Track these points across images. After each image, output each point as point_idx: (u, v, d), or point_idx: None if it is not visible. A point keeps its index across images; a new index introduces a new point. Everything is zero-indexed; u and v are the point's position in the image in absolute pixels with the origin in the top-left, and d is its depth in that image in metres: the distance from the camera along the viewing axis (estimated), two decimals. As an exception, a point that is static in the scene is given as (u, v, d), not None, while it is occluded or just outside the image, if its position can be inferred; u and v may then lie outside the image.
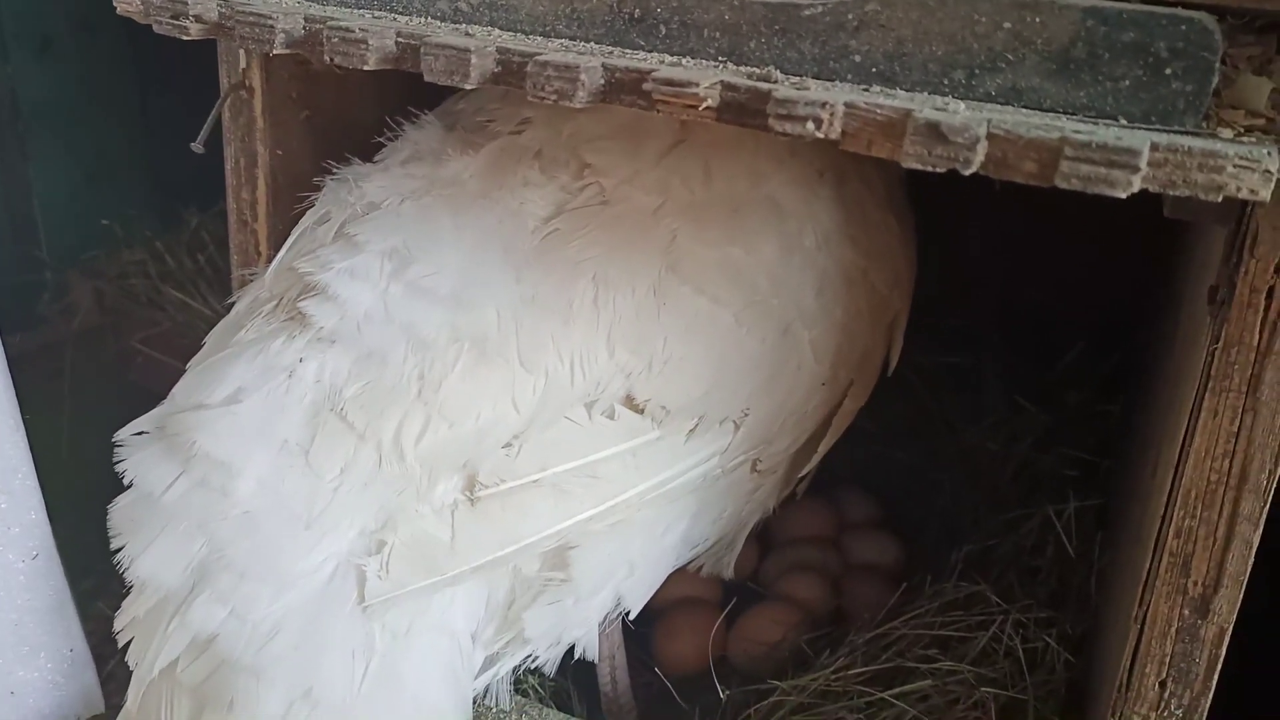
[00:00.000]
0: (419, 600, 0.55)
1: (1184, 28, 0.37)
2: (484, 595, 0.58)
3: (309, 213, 0.61)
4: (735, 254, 0.62)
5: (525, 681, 0.78)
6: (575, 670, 0.80)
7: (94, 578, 1.12)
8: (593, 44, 0.47)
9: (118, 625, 0.54)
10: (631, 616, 0.68)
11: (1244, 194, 0.35)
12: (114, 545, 0.52)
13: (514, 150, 0.61)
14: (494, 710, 0.69)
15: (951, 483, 1.03)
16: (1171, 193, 0.36)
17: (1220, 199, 0.36)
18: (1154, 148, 0.36)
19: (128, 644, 0.54)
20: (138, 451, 0.54)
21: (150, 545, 0.51)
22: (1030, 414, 1.01)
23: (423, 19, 0.51)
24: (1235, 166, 0.35)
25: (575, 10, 0.47)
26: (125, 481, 0.53)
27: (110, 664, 1.09)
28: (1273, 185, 0.36)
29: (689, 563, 0.74)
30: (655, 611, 0.88)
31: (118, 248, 1.20)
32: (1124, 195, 0.36)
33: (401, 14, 0.52)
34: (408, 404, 0.54)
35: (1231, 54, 0.41)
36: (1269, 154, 0.36)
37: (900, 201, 0.75)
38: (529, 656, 0.63)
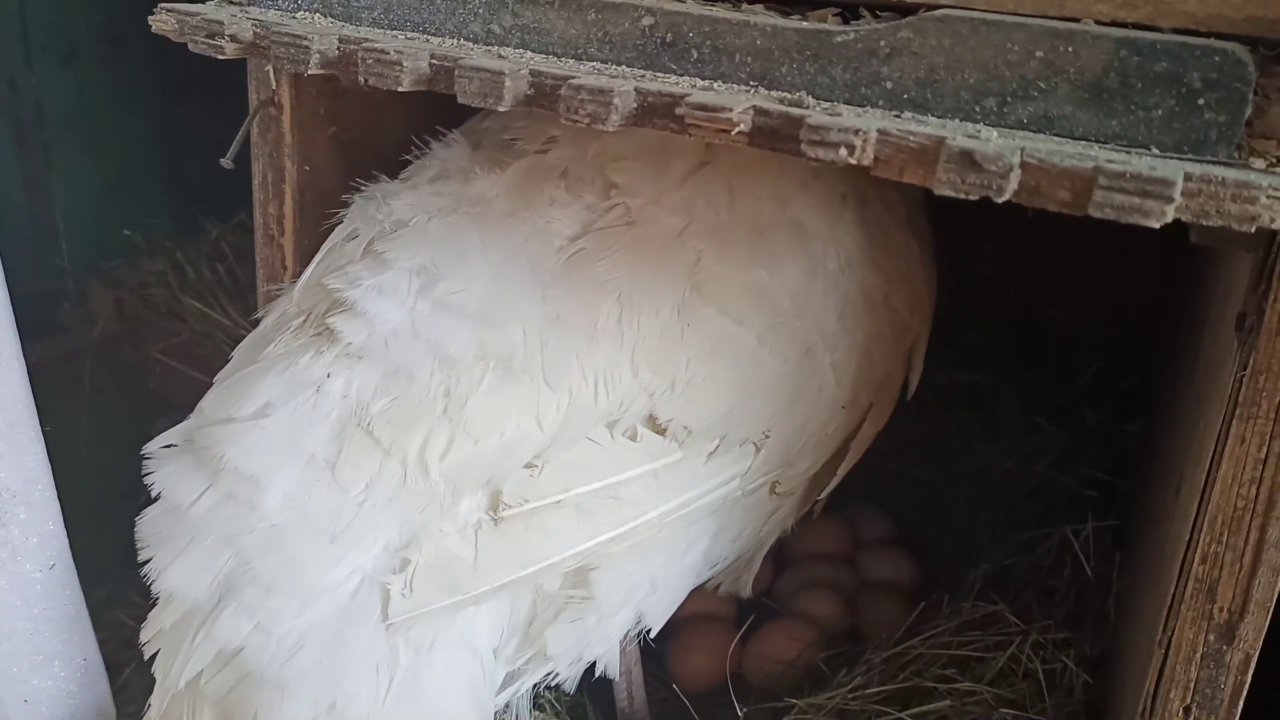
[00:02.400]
0: (442, 617, 0.56)
1: (1217, 59, 0.37)
2: (506, 613, 0.59)
3: (337, 229, 0.62)
4: (759, 276, 0.63)
5: (543, 696, 0.78)
6: (592, 686, 0.80)
7: (109, 586, 1.13)
8: (625, 67, 0.47)
9: (144, 637, 0.54)
10: (653, 634, 0.68)
11: (1278, 225, 0.35)
12: (141, 557, 0.53)
13: (540, 169, 0.62)
14: (513, 725, 0.69)
15: (968, 502, 1.03)
16: (1205, 223, 0.36)
17: (1254, 229, 0.36)
18: (1188, 178, 0.36)
19: (152, 656, 0.54)
20: (166, 464, 0.54)
21: (178, 558, 0.52)
22: (1048, 433, 1.01)
23: (455, 40, 0.52)
24: (1269, 198, 0.35)
25: (608, 34, 0.47)
26: (154, 494, 0.54)
27: (125, 673, 1.09)
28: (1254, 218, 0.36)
29: (707, 581, 0.75)
30: (671, 628, 0.87)
31: (138, 257, 1.21)
32: (1158, 225, 0.36)
33: (434, 35, 0.52)
34: (433, 420, 0.54)
35: (1264, 84, 0.41)
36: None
37: (921, 224, 0.76)
38: (550, 674, 0.63)
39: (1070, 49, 0.39)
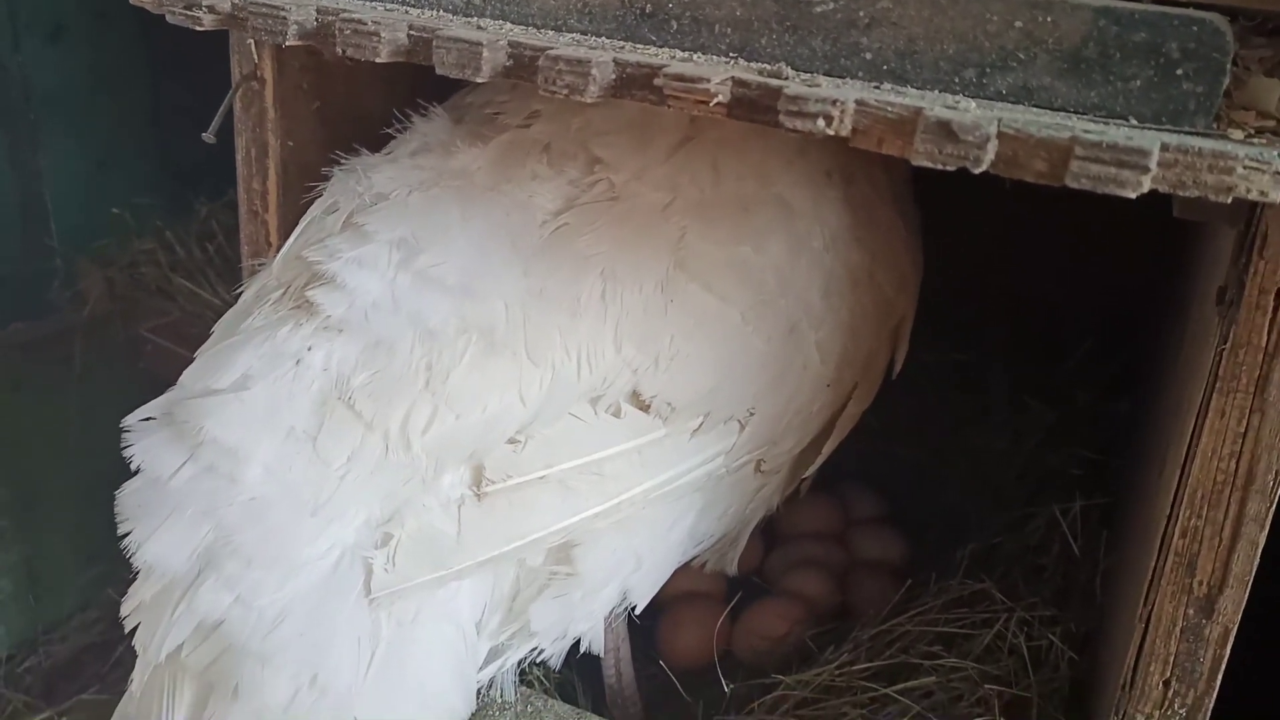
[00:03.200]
0: (425, 591, 0.56)
1: (1196, 29, 0.37)
2: (489, 587, 0.59)
3: (317, 202, 0.62)
4: (744, 253, 0.62)
5: (530, 673, 0.78)
6: (580, 663, 0.80)
7: (103, 564, 1.13)
8: (604, 39, 0.47)
9: (124, 610, 0.54)
10: (638, 610, 0.68)
11: (1254, 195, 0.35)
12: (121, 530, 0.53)
13: (523, 143, 0.62)
14: (499, 701, 0.69)
15: (957, 480, 1.03)
16: (1181, 193, 0.36)
17: (1230, 200, 0.36)
18: (1164, 148, 0.36)
19: (134, 628, 0.54)
20: (146, 437, 0.54)
21: (157, 530, 0.52)
22: (1037, 412, 1.01)
23: (434, 11, 0.51)
24: (1245, 168, 0.35)
25: (587, 5, 0.47)
26: (133, 467, 0.54)
27: (119, 649, 1.09)
28: (1253, 185, 0.36)
29: (694, 558, 0.75)
30: (660, 606, 0.88)
31: (128, 236, 1.20)
32: (1134, 195, 0.36)
33: (414, 6, 0.52)
34: (415, 394, 0.54)
35: (1243, 55, 0.41)
36: (1279, 156, 0.36)
37: (907, 203, 0.75)
38: (535, 649, 0.63)
39: (1049, 19, 0.39)
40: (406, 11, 0.51)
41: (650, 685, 0.83)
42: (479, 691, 0.65)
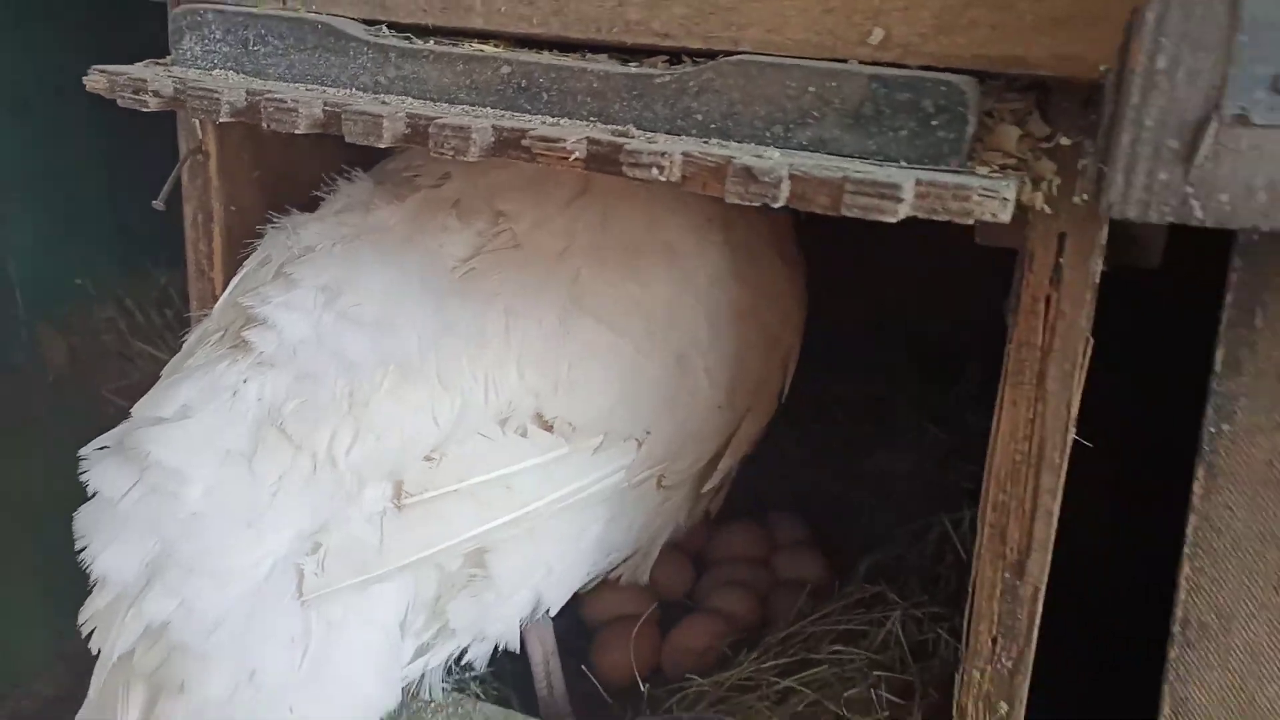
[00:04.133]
0: (351, 594, 0.63)
1: (945, 88, 0.47)
2: (412, 590, 0.66)
3: (251, 256, 0.70)
4: (633, 290, 0.71)
5: (469, 687, 0.84)
6: (515, 677, 0.87)
7: (68, 617, 1.18)
8: (488, 109, 0.56)
9: (81, 618, 0.61)
10: (551, 614, 0.75)
11: (988, 217, 0.44)
12: (78, 545, 0.59)
13: (435, 201, 0.71)
14: (431, 704, 0.75)
15: (870, 503, 1.11)
16: (935, 218, 0.45)
17: (971, 221, 0.45)
18: (918, 183, 0.45)
19: (90, 635, 0.61)
20: (99, 463, 0.61)
21: (109, 545, 0.59)
22: (933, 435, 1.10)
23: (349, 90, 0.60)
24: (980, 195, 0.45)
25: (474, 81, 0.56)
26: (89, 491, 0.61)
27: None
28: (1010, 209, 0.45)
29: (609, 571, 0.82)
30: (593, 627, 0.95)
31: (89, 303, 1.27)
32: (894, 220, 0.45)
33: (331, 86, 0.61)
34: (339, 418, 0.62)
35: (998, 108, 0.50)
36: (1007, 185, 0.45)
37: (788, 247, 0.84)
38: (458, 649, 0.70)
39: (834, 84, 0.49)
40: (324, 90, 0.60)
41: (585, 701, 0.90)
42: (411, 691, 0.72)
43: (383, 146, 0.55)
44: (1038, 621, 0.58)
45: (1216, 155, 0.41)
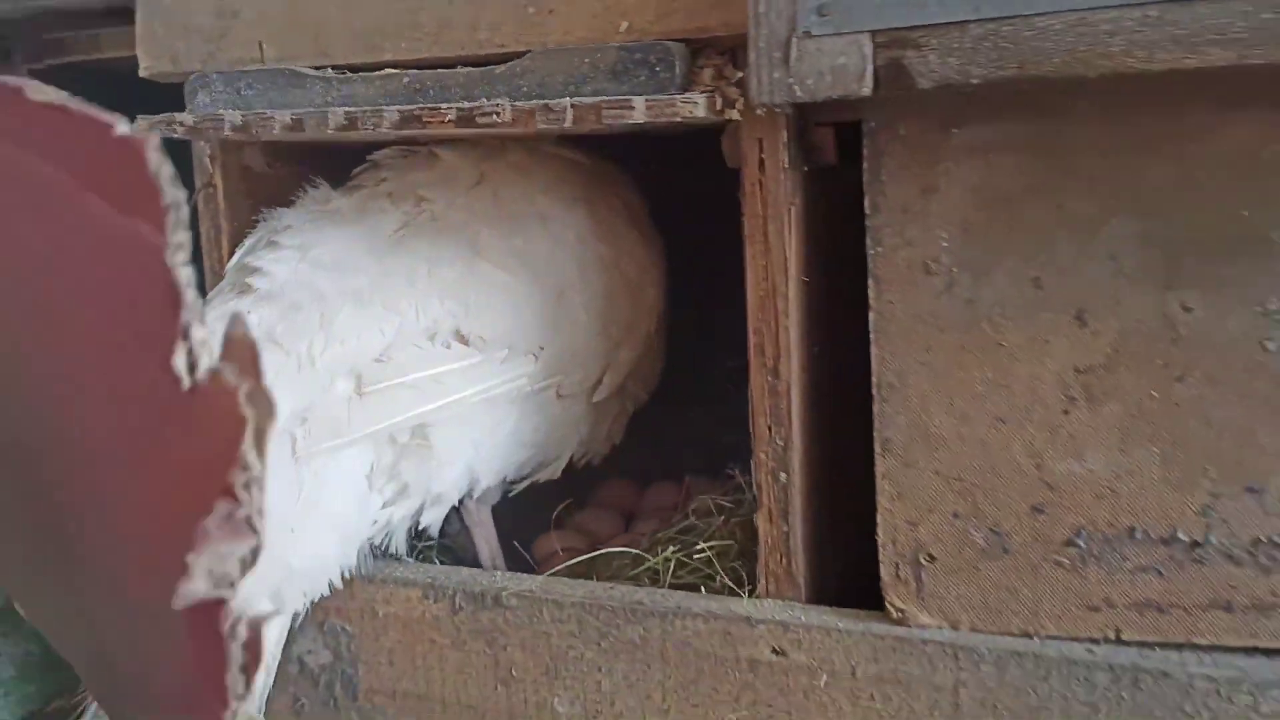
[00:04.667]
0: (330, 455, 0.89)
1: (661, 50, 0.78)
2: (373, 454, 0.92)
3: (247, 238, 0.99)
4: (518, 243, 1.00)
5: (429, 556, 1.08)
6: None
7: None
8: (396, 105, 0.87)
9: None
10: (481, 488, 1.01)
11: (686, 114, 0.75)
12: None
13: (375, 194, 1.01)
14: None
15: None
16: (659, 120, 0.75)
17: (679, 118, 0.75)
18: (646, 100, 0.75)
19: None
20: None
21: None
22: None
23: (310, 108, 0.91)
24: (681, 103, 0.75)
25: (387, 91, 0.87)
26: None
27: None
28: (702, 109, 0.75)
29: (531, 473, 1.08)
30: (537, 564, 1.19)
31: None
32: (639, 121, 0.75)
33: (296, 109, 0.92)
34: (314, 332, 0.90)
35: (706, 61, 0.81)
36: (699, 99, 0.76)
37: (641, 222, 1.14)
38: (416, 508, 0.96)
39: (600, 55, 0.80)
40: (290, 110, 0.91)
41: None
42: (382, 549, 0.98)
43: (329, 135, 0.85)
44: (795, 409, 0.85)
45: (800, 57, 0.72)
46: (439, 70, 0.86)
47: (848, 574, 0.91)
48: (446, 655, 0.97)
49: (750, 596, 0.89)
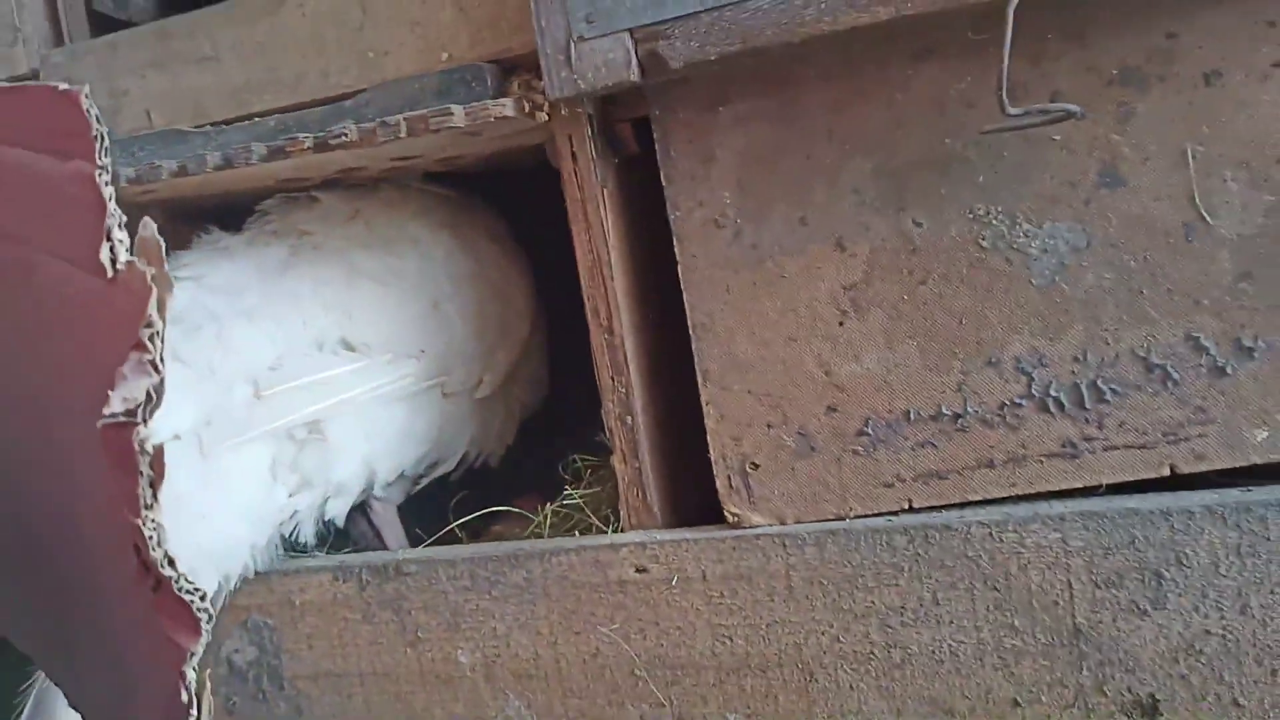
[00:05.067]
0: (233, 452, 1.02)
1: (474, 71, 0.95)
2: (274, 449, 1.05)
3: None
4: (392, 261, 1.16)
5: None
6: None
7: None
8: (265, 142, 1.03)
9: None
10: (380, 480, 1.14)
11: (497, 115, 0.91)
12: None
13: (262, 232, 1.16)
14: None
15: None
16: (477, 121, 0.92)
17: (493, 119, 0.92)
18: (464, 107, 0.92)
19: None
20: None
21: None
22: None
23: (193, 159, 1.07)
24: (493, 107, 0.92)
25: (258, 134, 1.03)
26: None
27: None
28: (509, 109, 0.92)
29: (427, 470, 1.21)
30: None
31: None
32: (460, 126, 0.91)
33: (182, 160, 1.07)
34: (212, 348, 1.03)
35: (520, 77, 0.98)
36: (507, 103, 0.93)
37: (506, 241, 1.30)
38: (320, 499, 1.08)
39: (428, 80, 0.96)
40: (177, 160, 1.06)
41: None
42: (293, 541, 1.09)
43: (210, 171, 1.00)
44: (632, 359, 1.00)
45: (580, 57, 0.89)
46: (299, 112, 1.02)
47: (705, 503, 1.05)
48: (359, 630, 1.08)
49: (614, 532, 1.02)
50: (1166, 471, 0.87)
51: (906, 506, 0.93)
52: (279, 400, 1.05)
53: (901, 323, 0.92)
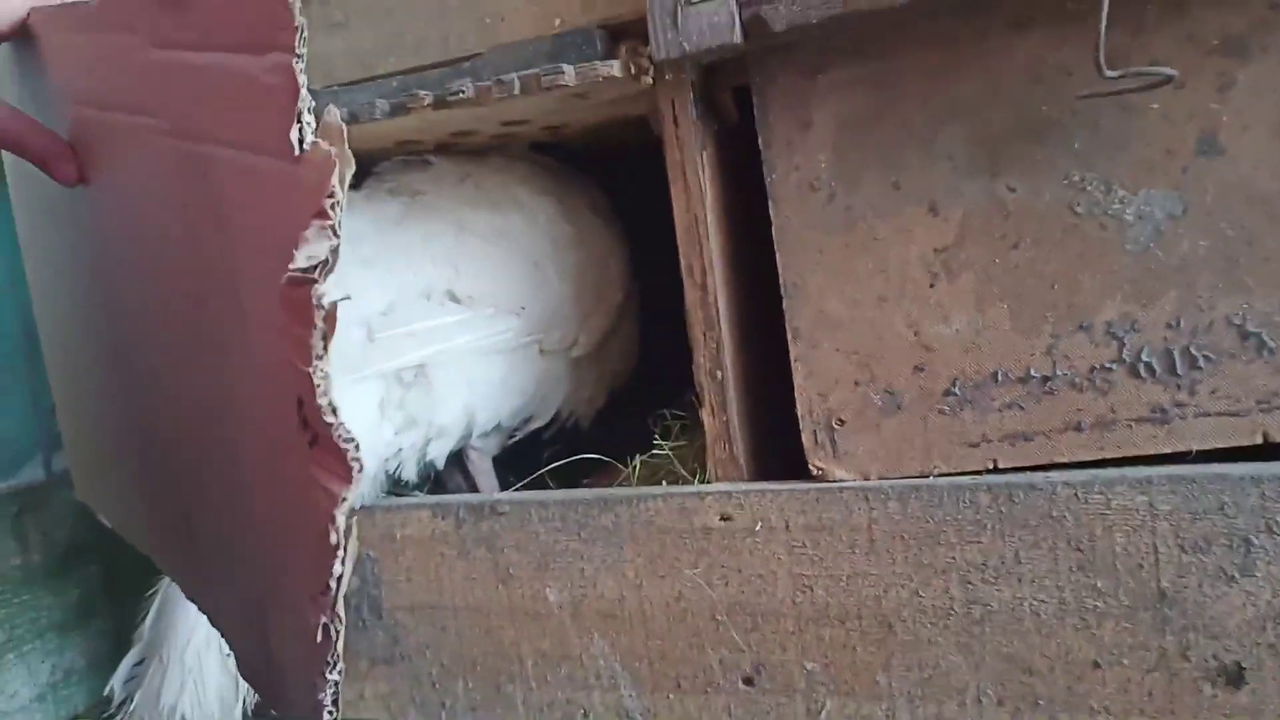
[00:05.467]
0: (348, 388, 1.09)
1: (584, 33, 1.00)
2: (383, 389, 1.12)
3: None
4: (498, 221, 1.22)
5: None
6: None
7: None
8: (388, 99, 1.09)
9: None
10: (479, 427, 1.19)
11: (605, 75, 0.96)
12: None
13: (378, 190, 1.23)
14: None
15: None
16: (583, 82, 0.97)
17: (600, 78, 0.97)
18: (574, 67, 0.97)
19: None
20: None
21: None
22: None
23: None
24: (601, 67, 0.96)
25: (380, 91, 1.10)
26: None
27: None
28: (616, 70, 0.97)
29: (522, 425, 1.27)
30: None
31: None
32: (570, 84, 0.97)
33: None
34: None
35: (627, 42, 1.03)
36: (615, 64, 0.97)
37: (605, 210, 1.35)
38: (422, 440, 1.14)
39: (539, 44, 1.02)
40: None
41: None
42: (395, 477, 1.16)
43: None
44: (723, 315, 1.03)
45: (686, 19, 0.93)
46: (420, 73, 1.09)
47: (790, 459, 1.08)
48: (455, 565, 1.14)
49: (701, 483, 1.06)
50: (1259, 439, 0.87)
51: (991, 467, 0.94)
52: (389, 344, 1.12)
53: (992, 286, 0.93)
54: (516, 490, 1.18)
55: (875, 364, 0.98)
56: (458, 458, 1.27)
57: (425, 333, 1.14)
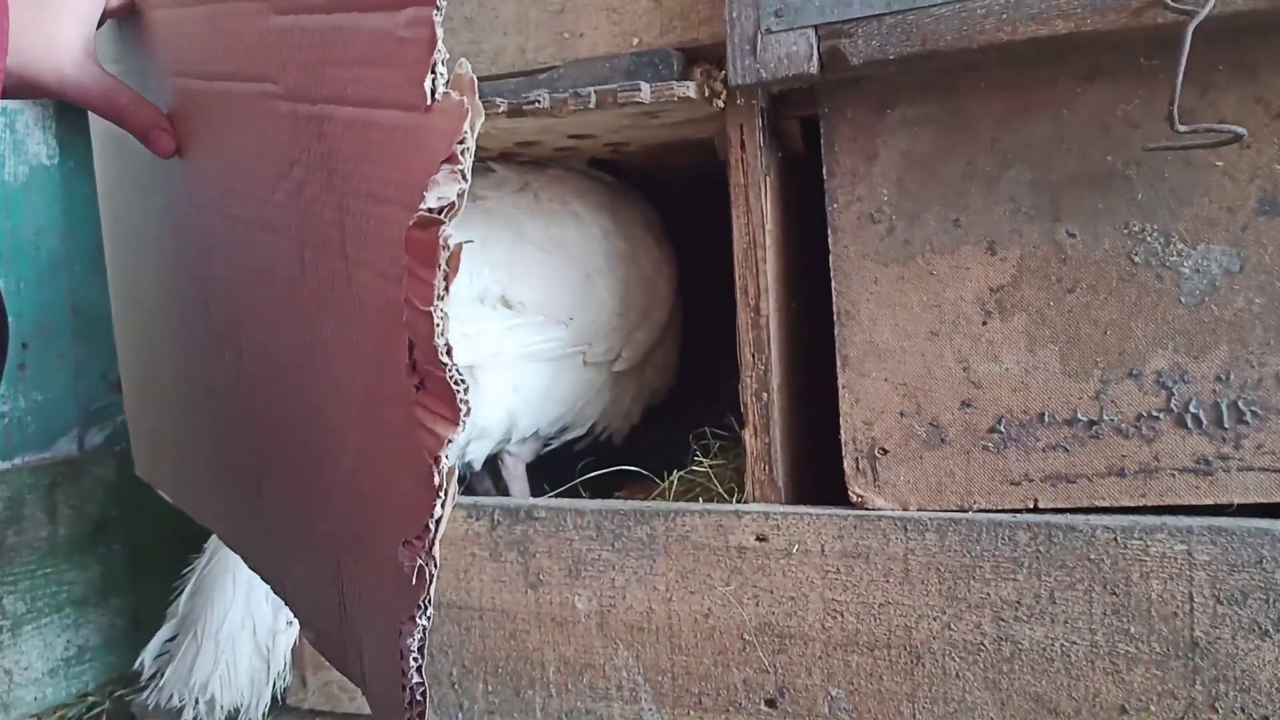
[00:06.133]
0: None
1: (662, 55, 1.03)
2: (431, 387, 1.13)
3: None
4: (554, 231, 1.24)
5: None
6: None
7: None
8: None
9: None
10: (519, 432, 1.21)
11: (680, 95, 0.99)
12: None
13: (441, 193, 1.26)
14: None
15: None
16: (659, 100, 0.99)
17: (676, 98, 0.99)
18: (650, 85, 1.00)
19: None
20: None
21: None
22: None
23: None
24: (678, 88, 0.99)
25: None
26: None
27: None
28: (691, 91, 0.99)
29: (560, 434, 1.28)
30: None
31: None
32: (647, 101, 0.99)
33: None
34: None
35: (701, 65, 1.06)
36: (690, 85, 1.00)
37: (657, 229, 1.38)
38: (465, 440, 1.16)
39: (619, 59, 1.05)
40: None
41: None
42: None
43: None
44: (774, 339, 1.05)
45: (764, 48, 0.96)
46: (496, 81, 1.12)
47: (826, 485, 1.09)
48: (485, 566, 1.14)
49: (738, 502, 1.07)
50: (1301, 498, 0.87)
51: (1031, 506, 0.95)
52: (441, 343, 1.13)
53: (1045, 328, 0.95)
54: (552, 497, 1.19)
55: (922, 396, 0.99)
56: (491, 462, 1.28)
57: (476, 335, 1.16)
